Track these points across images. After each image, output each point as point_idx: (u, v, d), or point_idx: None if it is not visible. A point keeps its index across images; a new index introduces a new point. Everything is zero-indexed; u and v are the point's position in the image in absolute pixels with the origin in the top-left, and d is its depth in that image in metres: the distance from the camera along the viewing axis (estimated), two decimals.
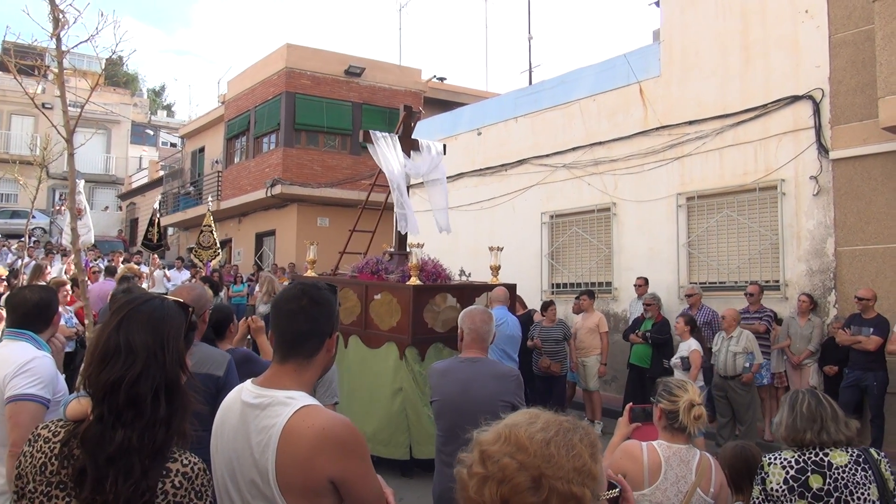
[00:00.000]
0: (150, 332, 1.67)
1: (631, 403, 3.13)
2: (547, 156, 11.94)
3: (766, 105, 9.07)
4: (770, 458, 2.85)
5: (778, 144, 8.96)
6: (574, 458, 1.26)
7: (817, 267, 8.54)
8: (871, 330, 7.28)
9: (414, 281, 7.14)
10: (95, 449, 1.58)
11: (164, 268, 14.73)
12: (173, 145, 38.76)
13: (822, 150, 8.49)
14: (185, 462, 1.67)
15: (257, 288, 12.78)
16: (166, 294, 2.31)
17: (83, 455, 1.59)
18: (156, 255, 14.65)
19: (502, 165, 12.82)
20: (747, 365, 7.48)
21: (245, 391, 1.91)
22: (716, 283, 9.60)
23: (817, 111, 8.55)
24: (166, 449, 1.64)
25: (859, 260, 8.12)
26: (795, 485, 2.74)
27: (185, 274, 14.43)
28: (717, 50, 9.70)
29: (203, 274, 12.93)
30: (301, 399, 1.81)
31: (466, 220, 13.29)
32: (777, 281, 8.95)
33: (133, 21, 64.97)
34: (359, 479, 1.77)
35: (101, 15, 3.97)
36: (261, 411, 1.81)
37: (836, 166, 8.35)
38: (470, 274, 8.48)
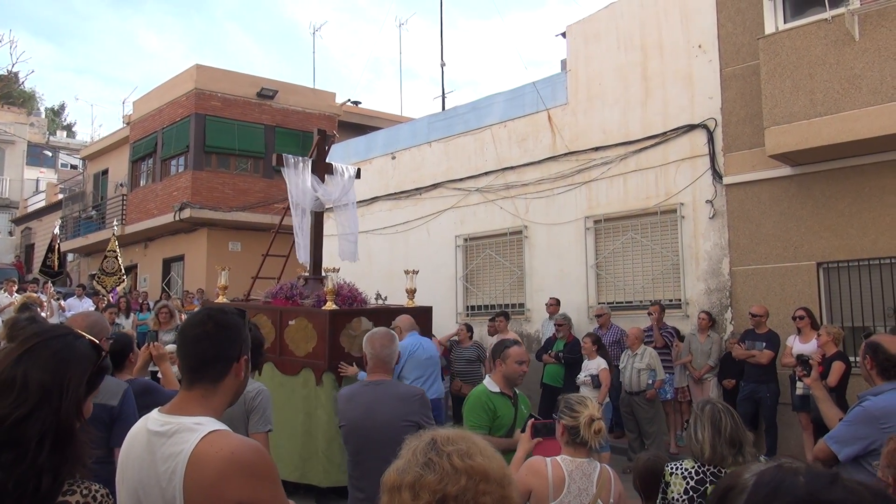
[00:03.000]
0: (49, 371, 1.58)
1: (533, 419, 3.23)
2: (460, 180, 12.14)
3: (665, 133, 9.58)
4: (671, 469, 2.98)
5: (677, 170, 9.46)
6: (505, 467, 1.36)
7: (714, 286, 9.02)
8: (764, 344, 7.74)
9: (330, 305, 7.08)
10: None
11: (59, 297, 13.96)
12: (74, 167, 36.97)
13: (717, 175, 9.03)
14: (85, 492, 1.62)
15: (150, 315, 12.23)
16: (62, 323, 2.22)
17: None
18: (50, 283, 13.89)
19: (416, 189, 12.94)
20: (650, 381, 7.80)
21: (151, 420, 1.87)
22: (622, 302, 9.98)
23: (711, 139, 9.10)
24: (51, 499, 1.54)
25: (752, 279, 8.64)
26: (695, 495, 2.87)
27: (87, 302, 13.71)
28: (619, 81, 10.18)
29: (109, 300, 12.33)
30: (209, 424, 1.79)
31: (381, 243, 13.31)
32: (679, 299, 9.39)
33: (29, 38, 61.79)
34: (268, 503, 1.76)
35: None
36: (167, 439, 1.78)
37: (729, 191, 8.89)
38: (386, 297, 8.50)
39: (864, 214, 7.84)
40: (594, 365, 7.77)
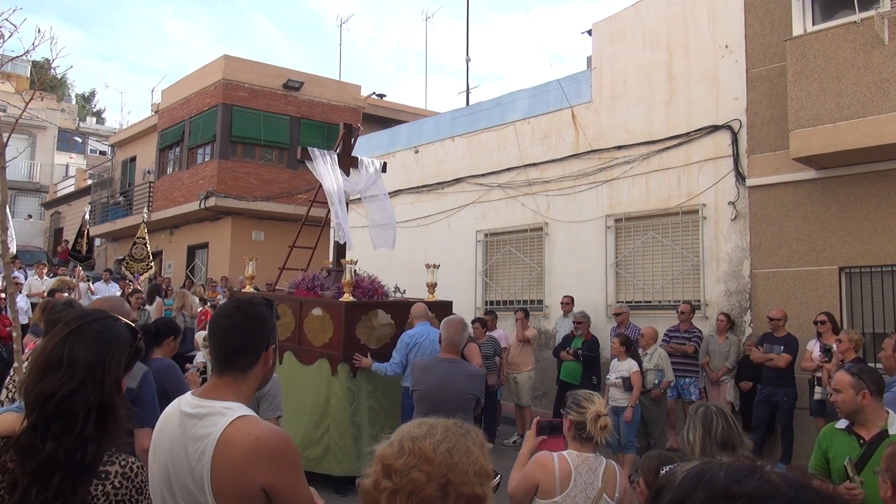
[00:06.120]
0: (93, 350, 1.72)
1: (539, 417, 3.31)
2: (482, 175, 12.19)
3: (688, 133, 9.54)
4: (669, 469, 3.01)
5: (699, 171, 9.42)
6: (473, 462, 1.41)
7: (734, 288, 8.99)
8: (782, 348, 7.71)
9: (347, 297, 7.18)
10: (24, 458, 1.61)
11: (88, 280, 14.26)
12: (103, 153, 37.57)
13: (740, 177, 8.98)
14: (123, 463, 1.76)
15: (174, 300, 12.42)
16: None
17: (15, 465, 1.62)
18: (79, 267, 14.18)
19: (439, 184, 13.01)
20: (657, 382, 7.78)
21: (184, 402, 1.96)
22: (641, 302, 9.98)
23: (735, 141, 9.05)
24: (95, 467, 1.67)
25: (772, 282, 8.60)
26: None
27: (114, 286, 13.99)
28: (644, 80, 10.14)
29: (136, 286, 12.58)
30: (238, 409, 1.88)
31: (402, 237, 13.35)
32: (698, 301, 9.36)
33: (58, 23, 62.69)
34: (290, 488, 1.83)
35: (39, 31, 3.94)
36: (198, 420, 1.87)
37: (752, 193, 8.84)
38: (405, 291, 8.58)
39: (889, 220, 7.76)
40: (625, 367, 7.52)
